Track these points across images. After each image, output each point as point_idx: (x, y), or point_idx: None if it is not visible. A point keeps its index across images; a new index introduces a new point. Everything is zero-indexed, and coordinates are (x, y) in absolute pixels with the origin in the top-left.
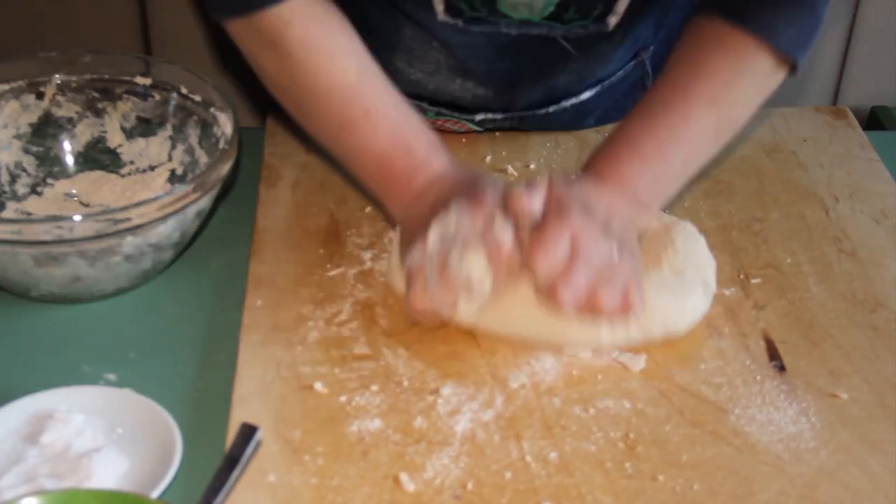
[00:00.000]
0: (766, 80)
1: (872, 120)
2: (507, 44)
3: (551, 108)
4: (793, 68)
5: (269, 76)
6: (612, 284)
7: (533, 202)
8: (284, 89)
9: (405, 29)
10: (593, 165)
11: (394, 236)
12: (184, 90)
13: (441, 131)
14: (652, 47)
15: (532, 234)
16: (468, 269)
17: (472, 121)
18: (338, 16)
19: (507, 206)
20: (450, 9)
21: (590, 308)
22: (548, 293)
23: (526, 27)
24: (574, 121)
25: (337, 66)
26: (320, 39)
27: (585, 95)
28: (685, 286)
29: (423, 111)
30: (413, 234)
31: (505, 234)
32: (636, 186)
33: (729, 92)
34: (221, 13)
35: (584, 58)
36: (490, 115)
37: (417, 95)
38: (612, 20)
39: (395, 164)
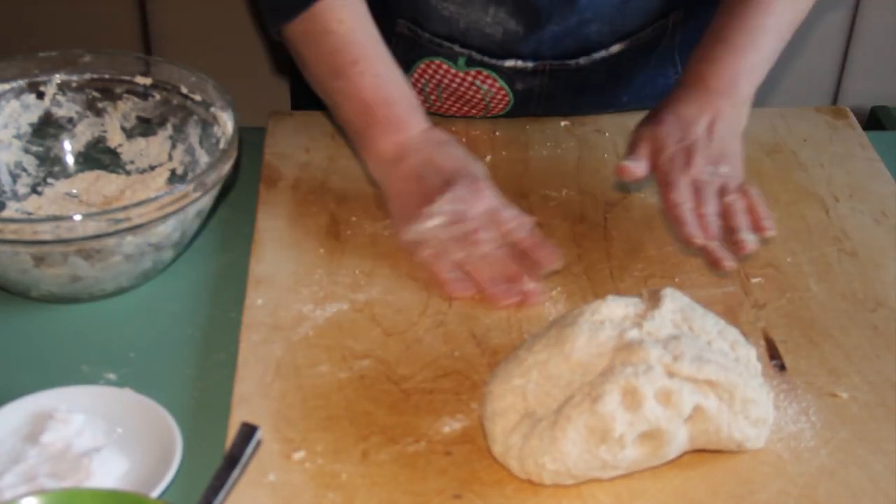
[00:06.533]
0: None
1: (872, 120)
2: None
3: (581, 60)
4: None
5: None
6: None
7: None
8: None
9: None
10: (692, 68)
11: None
12: (184, 90)
13: (462, 112)
14: (682, 11)
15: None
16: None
17: (500, 68)
18: None
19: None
20: None
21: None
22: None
23: None
24: (608, 85)
25: (333, 15)
26: None
27: (615, 48)
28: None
29: (454, 57)
30: (408, 206)
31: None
32: (735, 80)
33: None
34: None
35: None
36: (520, 63)
37: (449, 36)
38: None
39: (377, 113)
